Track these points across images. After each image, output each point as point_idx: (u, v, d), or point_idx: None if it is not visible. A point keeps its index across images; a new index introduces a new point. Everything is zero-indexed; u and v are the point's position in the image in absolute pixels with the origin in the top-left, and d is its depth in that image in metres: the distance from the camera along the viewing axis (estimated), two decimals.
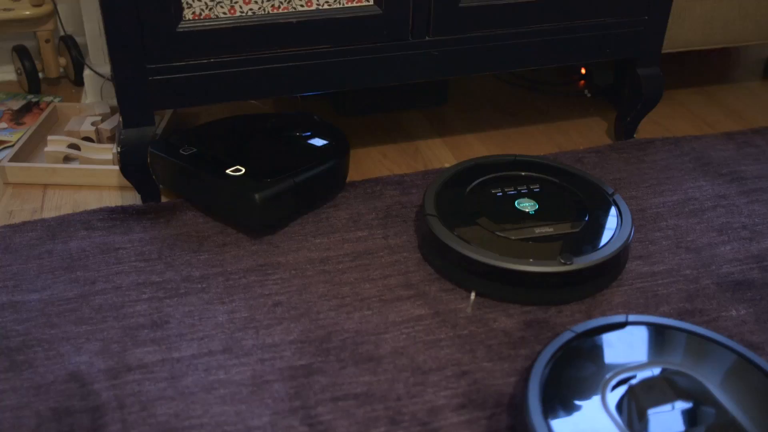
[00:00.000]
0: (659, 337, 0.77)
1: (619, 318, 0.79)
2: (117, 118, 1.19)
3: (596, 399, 0.69)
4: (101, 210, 1.03)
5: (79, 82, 1.39)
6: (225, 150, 1.03)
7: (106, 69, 1.29)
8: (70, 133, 1.16)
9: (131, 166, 0.99)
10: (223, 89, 0.98)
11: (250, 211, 0.94)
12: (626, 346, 0.76)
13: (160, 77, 0.95)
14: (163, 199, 1.06)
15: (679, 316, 0.87)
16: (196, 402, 0.75)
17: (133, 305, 0.87)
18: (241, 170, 0.97)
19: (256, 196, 0.93)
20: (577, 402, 0.69)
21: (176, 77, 0.96)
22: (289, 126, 1.11)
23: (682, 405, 0.69)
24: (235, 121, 1.13)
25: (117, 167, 1.09)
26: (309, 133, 1.09)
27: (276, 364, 0.79)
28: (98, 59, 1.31)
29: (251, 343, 0.82)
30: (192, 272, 0.92)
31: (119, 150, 0.98)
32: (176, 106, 0.98)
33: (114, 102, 1.26)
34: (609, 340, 0.76)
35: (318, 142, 1.07)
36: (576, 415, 0.68)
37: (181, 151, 1.01)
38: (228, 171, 0.97)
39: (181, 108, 1.21)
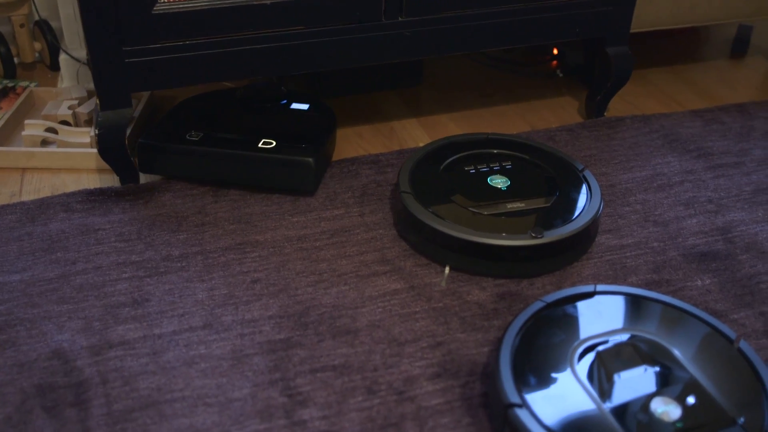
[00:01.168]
0: (626, 306, 0.80)
1: (588, 288, 0.81)
2: (94, 102, 1.20)
3: (565, 365, 0.72)
4: (80, 192, 1.04)
5: (54, 66, 1.39)
6: (230, 128, 1.06)
7: (81, 53, 1.30)
8: (47, 117, 1.17)
9: (109, 148, 1.00)
10: (200, 71, 1.00)
11: (305, 176, 1.01)
12: (594, 315, 0.78)
13: (137, 59, 0.96)
14: (142, 181, 1.07)
15: (647, 286, 0.90)
16: (178, 376, 0.77)
17: (113, 284, 0.89)
18: (271, 143, 1.02)
19: (311, 160, 1.00)
20: (547, 368, 0.72)
21: (152, 59, 0.97)
22: (260, 96, 1.14)
23: (647, 369, 0.71)
24: (205, 99, 1.15)
25: (95, 150, 1.10)
26: (285, 101, 1.13)
27: (255, 339, 0.81)
28: (74, 43, 1.31)
29: (231, 318, 0.84)
30: (171, 251, 0.94)
31: (97, 132, 0.99)
32: (153, 88, 0.99)
33: (91, 86, 1.26)
34: (578, 309, 0.79)
35: (301, 106, 1.13)
36: (546, 380, 0.70)
37: (188, 138, 1.03)
38: (260, 145, 1.02)
39: (158, 90, 1.22)
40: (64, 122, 1.17)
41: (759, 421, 0.67)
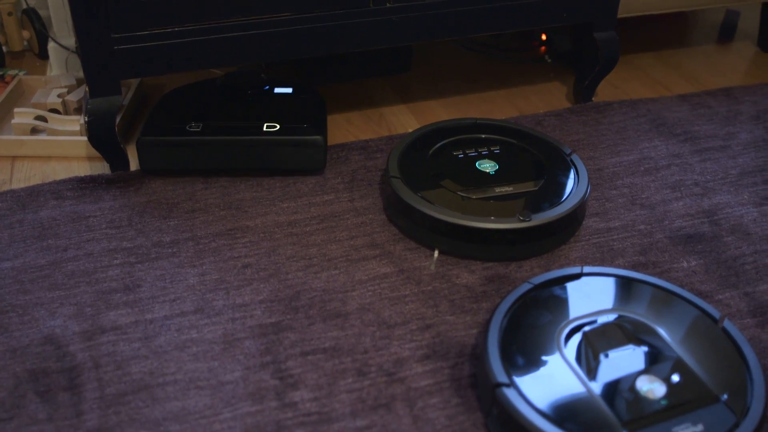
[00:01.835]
0: (612, 287, 0.81)
1: (575, 270, 0.82)
2: (83, 90, 1.20)
3: (552, 345, 0.73)
4: (70, 180, 1.04)
5: (43, 55, 1.39)
6: (225, 116, 1.07)
7: (70, 41, 1.30)
8: (36, 106, 1.17)
9: (99, 135, 1.01)
10: (188, 58, 1.00)
11: (316, 154, 1.03)
12: (581, 296, 0.79)
13: (125, 47, 0.96)
14: (132, 168, 1.08)
15: (634, 268, 0.91)
16: (170, 360, 0.78)
17: (105, 270, 0.89)
18: (275, 126, 1.04)
19: (320, 138, 1.03)
20: (535, 348, 0.73)
21: (141, 46, 0.97)
22: (242, 84, 1.14)
23: (633, 348, 0.73)
24: (188, 91, 1.14)
25: (85, 138, 1.10)
26: (267, 87, 1.14)
27: (246, 323, 0.82)
28: (62, 31, 1.31)
29: (222, 303, 0.85)
30: (162, 237, 0.94)
31: (87, 120, 0.99)
32: (142, 75, 0.99)
33: (80, 74, 1.26)
34: (565, 290, 0.80)
35: (285, 90, 1.14)
36: (533, 360, 0.72)
37: (190, 129, 1.03)
38: (265, 129, 1.03)
39: (147, 77, 1.22)
40: (54, 110, 1.17)
41: (742, 397, 0.68)
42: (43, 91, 1.21)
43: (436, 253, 0.92)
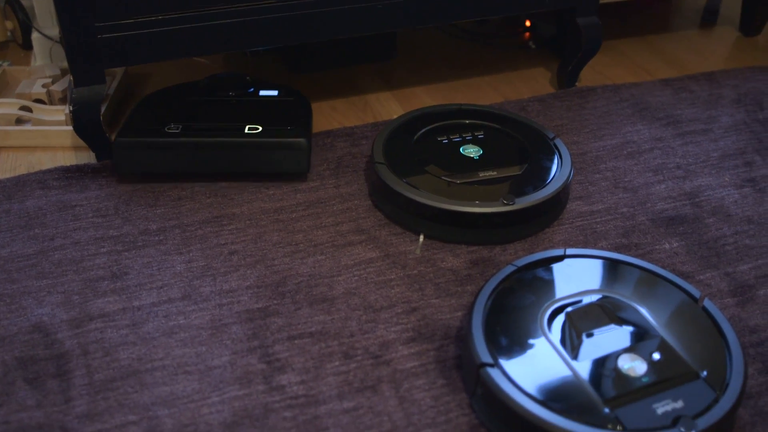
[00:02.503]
0: (595, 268, 0.82)
1: (558, 252, 0.83)
2: (68, 80, 1.20)
3: (535, 325, 0.74)
4: (56, 169, 1.04)
5: (27, 45, 1.39)
6: (207, 118, 1.04)
7: (54, 31, 1.29)
8: (21, 96, 1.17)
9: (84, 124, 1.01)
10: (173, 46, 1.00)
11: (299, 156, 1.01)
12: (564, 277, 0.80)
13: (109, 35, 0.96)
14: None
15: (616, 250, 0.92)
16: (158, 346, 0.78)
17: (92, 259, 0.90)
18: (257, 128, 1.01)
19: (303, 140, 1.00)
20: (518, 329, 0.74)
21: (125, 35, 0.97)
22: (226, 86, 1.11)
23: (615, 328, 0.74)
24: (170, 94, 1.11)
25: (70, 128, 1.10)
26: (252, 89, 1.12)
27: (234, 308, 0.83)
28: (46, 22, 1.31)
29: (209, 289, 0.85)
30: (149, 225, 0.95)
31: (72, 109, 0.99)
32: (127, 63, 0.99)
33: (64, 64, 1.26)
34: (548, 272, 0.81)
35: (270, 92, 1.11)
36: (517, 340, 0.73)
37: (168, 131, 1.00)
38: (247, 131, 1.01)
39: (131, 66, 1.22)
40: (39, 100, 1.17)
41: (721, 373, 0.69)
42: (27, 81, 1.20)
43: (421, 238, 0.93)
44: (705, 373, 0.69)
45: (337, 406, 0.72)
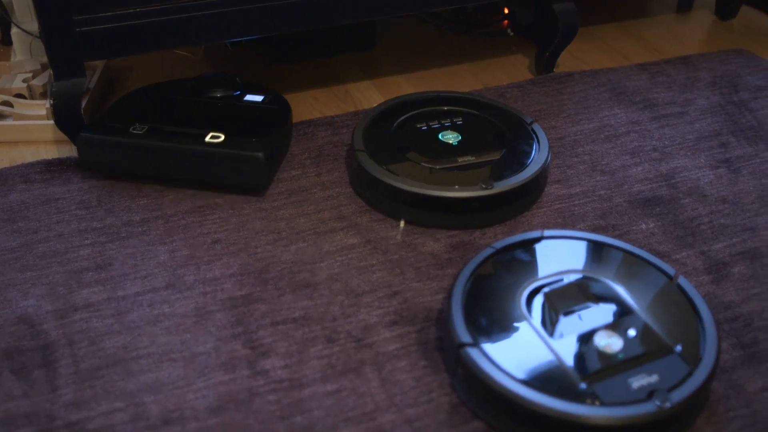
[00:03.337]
0: (572, 249, 0.83)
1: (535, 234, 0.85)
2: (48, 74, 1.20)
3: (514, 306, 0.76)
4: (39, 163, 1.05)
5: (6, 40, 1.39)
6: (178, 120, 1.01)
7: (33, 26, 1.29)
8: (1, 91, 1.17)
9: (65, 118, 1.01)
10: (152, 38, 1.01)
11: (255, 172, 0.96)
12: (542, 258, 0.82)
13: (88, 28, 0.97)
14: None
15: (594, 231, 0.94)
16: (143, 334, 0.79)
17: (76, 250, 0.90)
18: (219, 136, 0.97)
19: (260, 155, 0.95)
20: (497, 309, 0.75)
21: (104, 27, 0.97)
22: (213, 87, 1.09)
23: (591, 306, 0.75)
24: (156, 90, 1.10)
25: (51, 122, 1.11)
26: (239, 92, 1.09)
27: (217, 296, 0.84)
28: (25, 17, 1.30)
29: (193, 278, 0.86)
30: (132, 217, 0.95)
31: (52, 103, 1.00)
32: (106, 56, 1.00)
33: (44, 58, 1.26)
34: (526, 253, 0.82)
35: (255, 97, 1.08)
36: (496, 320, 0.74)
37: (133, 131, 0.98)
38: (208, 139, 0.97)
39: (111, 58, 1.22)
40: (19, 95, 1.17)
41: (695, 348, 0.71)
42: (7, 76, 1.20)
43: (402, 223, 0.94)
44: (679, 347, 0.71)
45: (320, 388, 0.74)
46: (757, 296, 0.85)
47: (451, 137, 1.01)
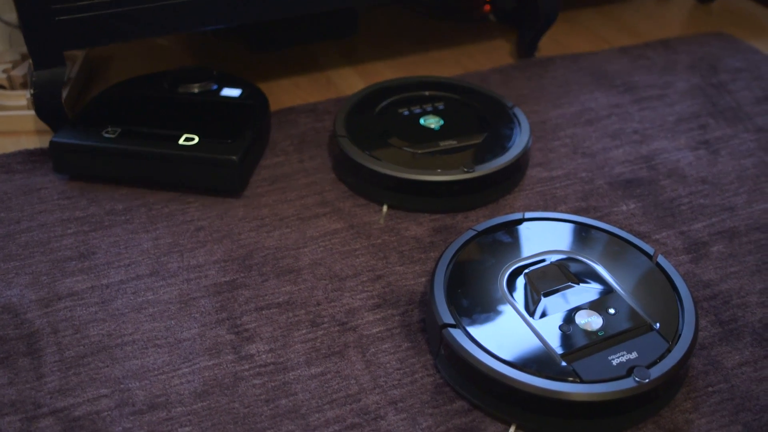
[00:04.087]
0: (552, 230, 0.84)
1: (517, 216, 0.86)
2: (28, 64, 1.19)
3: (496, 287, 0.76)
4: (20, 153, 1.04)
5: None
6: (152, 121, 1.00)
7: (12, 16, 1.29)
8: None
9: (46, 107, 1.01)
10: (131, 26, 1.00)
11: (229, 175, 0.94)
12: (523, 240, 0.83)
13: (67, 17, 0.96)
14: None
15: (575, 213, 0.95)
16: (127, 321, 0.80)
17: (59, 240, 0.90)
18: (193, 138, 0.95)
19: (235, 158, 0.93)
20: (479, 290, 0.76)
21: (83, 16, 0.97)
22: (189, 81, 1.07)
23: (572, 286, 0.76)
24: (132, 86, 1.08)
25: (32, 112, 1.10)
26: (216, 86, 1.07)
27: (201, 282, 0.84)
28: (3, 7, 1.30)
29: (177, 265, 0.87)
30: (115, 206, 0.95)
31: (33, 93, 0.99)
32: (86, 45, 1.00)
33: (24, 49, 1.25)
34: (507, 235, 0.83)
35: (232, 92, 1.06)
36: (478, 301, 0.75)
37: (105, 135, 0.96)
38: (181, 142, 0.95)
39: (91, 47, 1.22)
40: None
41: (674, 325, 0.72)
42: None
43: (384, 208, 0.95)
44: (658, 325, 0.72)
45: (305, 371, 0.74)
46: (736, 274, 0.86)
47: (432, 122, 1.02)
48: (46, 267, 0.86)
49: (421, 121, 1.02)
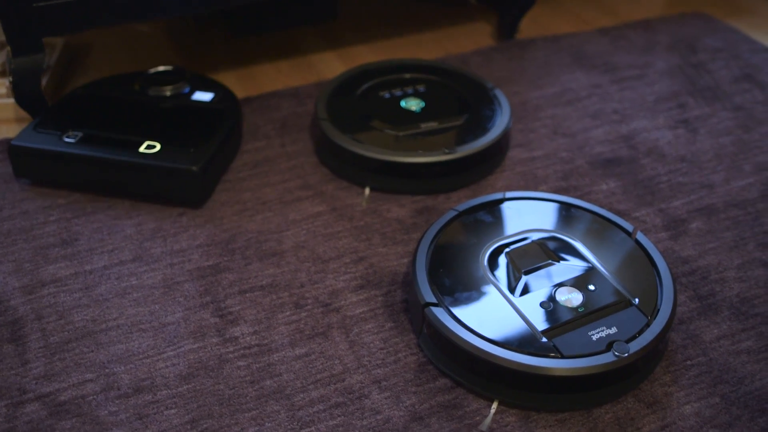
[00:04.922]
0: (533, 209, 0.85)
1: (497, 195, 0.86)
2: (6, 52, 1.18)
3: (477, 265, 0.77)
4: (0, 141, 1.04)
5: None
6: (116, 126, 0.96)
7: None
8: None
9: (25, 95, 1.00)
10: (109, 12, 1.00)
11: (189, 187, 0.90)
12: (504, 219, 0.83)
13: (44, 3, 0.96)
14: None
15: (556, 192, 0.95)
16: (111, 307, 0.80)
17: (41, 227, 0.90)
18: (155, 146, 0.91)
19: (195, 169, 0.89)
20: (461, 269, 0.77)
21: (60, 2, 0.96)
22: (161, 83, 1.03)
23: (553, 263, 0.77)
24: (101, 87, 1.05)
25: (12, 100, 1.10)
26: (188, 89, 1.04)
27: (185, 267, 0.84)
28: None
29: (160, 250, 0.87)
30: (97, 193, 0.95)
31: (11, 80, 0.99)
32: (64, 31, 0.99)
33: (2, 36, 1.24)
34: (489, 215, 0.84)
35: (204, 96, 1.03)
36: (460, 280, 0.75)
37: (65, 140, 0.92)
38: (142, 150, 0.91)
39: (69, 33, 1.21)
40: None
41: (652, 300, 0.73)
42: None
43: (367, 191, 0.95)
44: (637, 300, 0.73)
45: (289, 353, 0.75)
46: (714, 250, 0.87)
47: (413, 104, 1.02)
48: (29, 254, 0.86)
49: (402, 103, 1.02)
